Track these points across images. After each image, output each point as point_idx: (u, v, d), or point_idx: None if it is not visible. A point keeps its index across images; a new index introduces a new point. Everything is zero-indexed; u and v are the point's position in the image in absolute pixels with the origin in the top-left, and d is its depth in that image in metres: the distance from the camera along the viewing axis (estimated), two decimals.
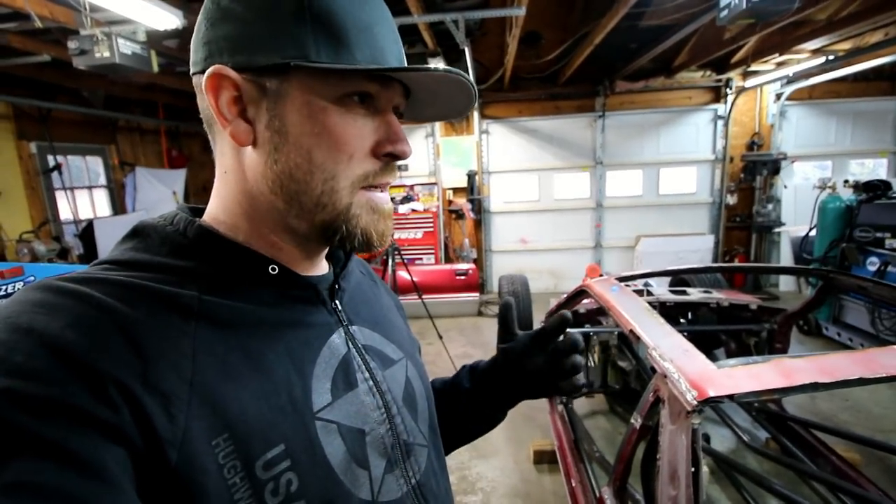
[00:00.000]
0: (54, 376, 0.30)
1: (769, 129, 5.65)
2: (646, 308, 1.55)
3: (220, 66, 0.41)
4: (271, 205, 0.45)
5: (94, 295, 0.35)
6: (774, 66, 5.15)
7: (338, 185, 0.44)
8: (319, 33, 0.40)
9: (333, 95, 0.42)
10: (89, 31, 2.53)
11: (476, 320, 5.12)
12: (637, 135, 5.88)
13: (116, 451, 0.31)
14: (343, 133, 0.43)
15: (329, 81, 0.42)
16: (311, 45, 0.40)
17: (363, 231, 0.46)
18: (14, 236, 4.27)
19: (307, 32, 0.40)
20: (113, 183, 5.56)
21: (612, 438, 2.73)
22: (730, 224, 5.92)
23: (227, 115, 0.42)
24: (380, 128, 0.45)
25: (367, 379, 0.49)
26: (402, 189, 5.87)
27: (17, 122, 4.39)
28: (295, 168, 0.43)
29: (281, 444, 0.38)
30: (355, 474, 0.44)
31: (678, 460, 1.01)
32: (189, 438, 0.34)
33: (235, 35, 0.41)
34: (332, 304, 0.50)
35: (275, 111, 0.42)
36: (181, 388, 0.35)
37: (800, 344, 3.91)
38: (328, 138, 0.42)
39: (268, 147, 0.43)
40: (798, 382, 0.97)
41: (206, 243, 0.43)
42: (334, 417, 0.44)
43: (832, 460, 2.13)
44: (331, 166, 0.43)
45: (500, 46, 4.65)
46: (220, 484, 0.35)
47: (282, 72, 0.41)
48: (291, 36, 0.40)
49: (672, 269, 2.48)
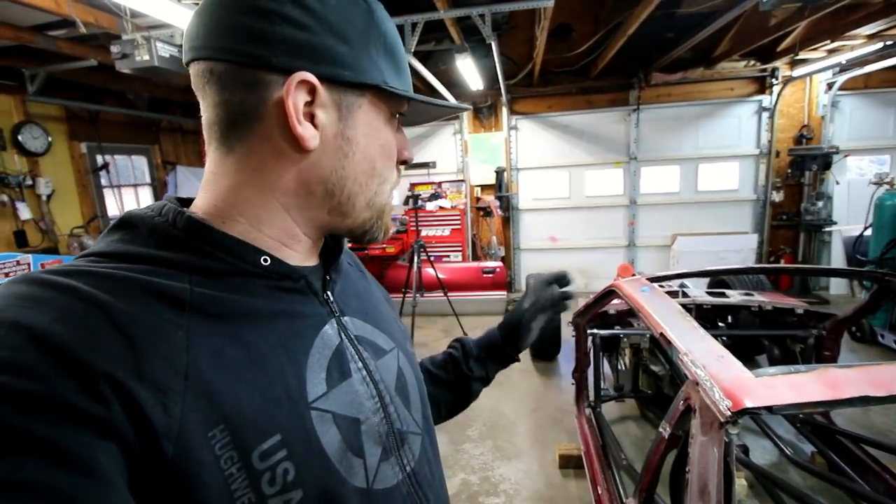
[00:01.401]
0: (42, 371, 0.30)
1: (819, 122, 5.30)
2: (678, 310, 1.47)
3: (306, 73, 0.43)
4: (320, 202, 0.48)
5: (81, 287, 0.35)
6: (825, 54, 4.81)
7: (385, 188, 0.52)
8: (389, 62, 0.48)
9: (389, 113, 0.50)
10: (130, 36, 2.64)
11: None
12: (674, 128, 5.65)
13: (107, 447, 0.31)
14: (393, 145, 0.52)
15: (390, 102, 0.49)
16: (387, 71, 0.47)
17: (385, 226, 0.54)
18: (66, 231, 4.54)
19: (382, 59, 0.47)
20: (156, 181, 5.82)
21: (642, 446, 2.63)
22: (775, 222, 5.59)
23: (300, 119, 0.43)
24: (400, 140, 0.53)
25: (360, 369, 0.50)
26: (429, 186, 5.87)
27: (68, 124, 4.66)
28: (361, 173, 0.49)
29: (277, 434, 0.39)
30: (350, 463, 0.44)
31: (709, 474, 0.94)
32: (185, 431, 0.34)
33: (319, 45, 0.43)
34: (323, 294, 0.51)
35: (347, 122, 0.47)
36: (176, 381, 0.35)
37: (851, 352, 3.66)
38: (387, 149, 0.51)
39: (336, 153, 0.47)
40: (846, 395, 0.89)
41: (196, 234, 0.43)
42: (329, 407, 0.44)
43: (885, 479, 1.96)
44: (386, 174, 0.52)
45: (528, 40, 4.55)
46: (217, 475, 0.35)
47: (359, 88, 0.46)
48: (373, 59, 0.46)
49: (709, 269, 2.35)
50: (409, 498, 0.50)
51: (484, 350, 0.82)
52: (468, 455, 2.65)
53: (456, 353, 0.82)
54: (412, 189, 5.71)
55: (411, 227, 5.56)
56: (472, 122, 6.00)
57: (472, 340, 0.84)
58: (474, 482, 2.42)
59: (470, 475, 2.48)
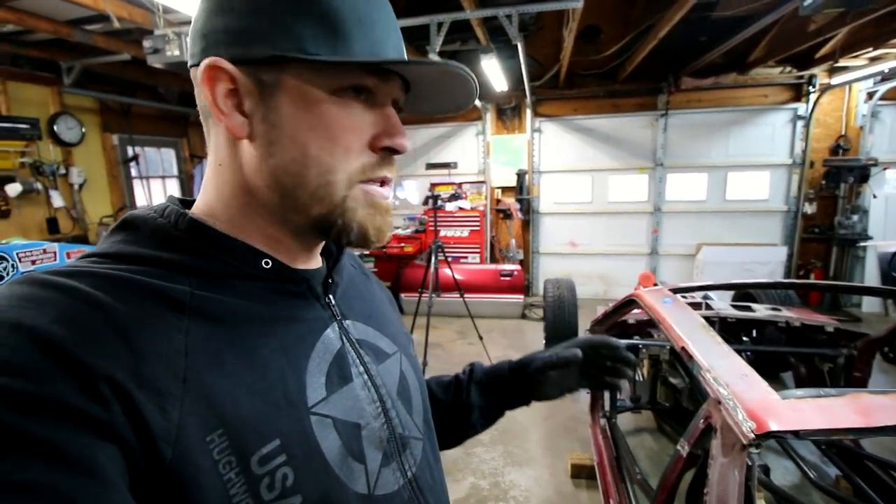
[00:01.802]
0: (43, 372, 0.30)
1: (858, 132, 5.08)
2: (701, 324, 1.42)
3: (217, 59, 0.40)
4: (267, 198, 0.44)
5: (82, 288, 0.35)
6: (867, 62, 4.61)
7: (334, 178, 0.43)
8: (318, 26, 0.40)
9: (329, 88, 0.42)
10: (162, 31, 2.70)
11: (519, 323, 5.01)
12: (703, 135, 5.50)
13: (108, 448, 0.31)
14: (338, 126, 0.42)
15: (325, 74, 0.41)
16: (308, 38, 0.40)
17: (359, 225, 0.45)
18: (96, 220, 4.70)
19: (305, 25, 0.40)
20: (183, 173, 5.98)
21: (658, 460, 2.57)
22: (806, 235, 5.39)
23: (224, 108, 0.42)
24: (378, 121, 0.45)
25: (361, 373, 0.49)
26: (450, 187, 5.86)
27: (102, 116, 4.82)
28: (291, 162, 0.42)
29: (276, 439, 0.38)
30: (351, 468, 0.44)
31: (729, 498, 0.90)
32: (183, 435, 0.34)
33: (233, 27, 0.41)
34: (325, 298, 0.50)
35: (270, 104, 0.42)
36: (174, 385, 0.35)
37: (883, 374, 3.49)
38: (324, 131, 0.42)
39: (263, 141, 0.42)
40: (879, 423, 0.84)
41: (197, 236, 0.43)
42: (329, 412, 0.44)
43: None
44: (326, 159, 0.42)
45: (555, 42, 4.50)
46: (216, 479, 0.35)
47: (278, 65, 0.41)
48: (289, 28, 0.40)
49: (735, 282, 2.27)
50: (411, 503, 0.49)
51: (488, 379, 0.75)
52: (479, 459, 2.63)
53: (462, 375, 0.77)
54: (432, 189, 5.71)
55: (430, 226, 5.57)
56: (494, 124, 5.96)
57: (482, 367, 0.78)
58: (484, 487, 2.39)
59: (480, 479, 2.45)
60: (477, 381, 0.75)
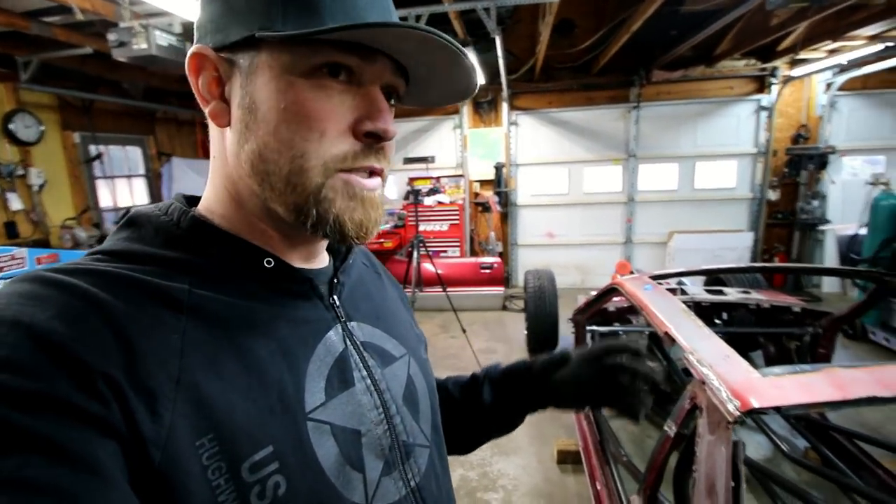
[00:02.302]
0: (42, 369, 0.30)
1: (817, 121, 5.33)
2: (682, 309, 1.47)
3: (200, 46, 0.41)
4: (249, 188, 0.43)
5: (81, 286, 0.34)
6: (826, 54, 4.83)
7: (307, 163, 0.40)
8: (290, 3, 0.38)
9: (303, 68, 0.39)
10: (128, 24, 2.59)
11: (500, 314, 5.08)
12: (673, 126, 5.66)
13: (108, 445, 0.30)
14: (312, 108, 0.39)
15: (297, 53, 0.39)
16: (278, 16, 0.38)
17: (336, 218, 0.42)
18: (58, 222, 4.48)
19: (277, 3, 0.38)
20: (150, 172, 5.75)
21: (639, 441, 2.66)
22: (771, 221, 5.64)
23: (207, 97, 0.42)
24: (360, 105, 0.41)
25: (364, 377, 0.47)
26: (428, 181, 5.85)
27: (61, 113, 4.58)
28: (263, 146, 0.40)
29: (269, 445, 0.37)
30: (348, 477, 0.42)
31: (716, 473, 0.95)
32: (173, 438, 0.33)
33: (216, 13, 0.41)
34: (329, 299, 0.49)
35: (247, 89, 0.40)
36: (168, 386, 0.34)
37: (844, 349, 3.70)
38: (296, 114, 0.39)
39: (240, 126, 0.41)
40: (854, 396, 0.89)
41: (199, 234, 0.42)
42: (327, 418, 0.42)
43: (878, 474, 2.00)
44: (300, 144, 0.40)
45: (531, 35, 4.54)
46: (204, 486, 0.34)
47: (252, 46, 0.39)
48: (262, 8, 0.39)
49: (710, 268, 2.36)
50: None
51: (503, 376, 0.70)
52: None
53: (479, 374, 0.72)
54: (411, 184, 5.69)
55: (409, 221, 5.55)
56: (471, 117, 5.97)
57: (499, 366, 0.73)
58: (473, 478, 2.43)
59: (468, 471, 2.49)
60: (492, 378, 0.70)
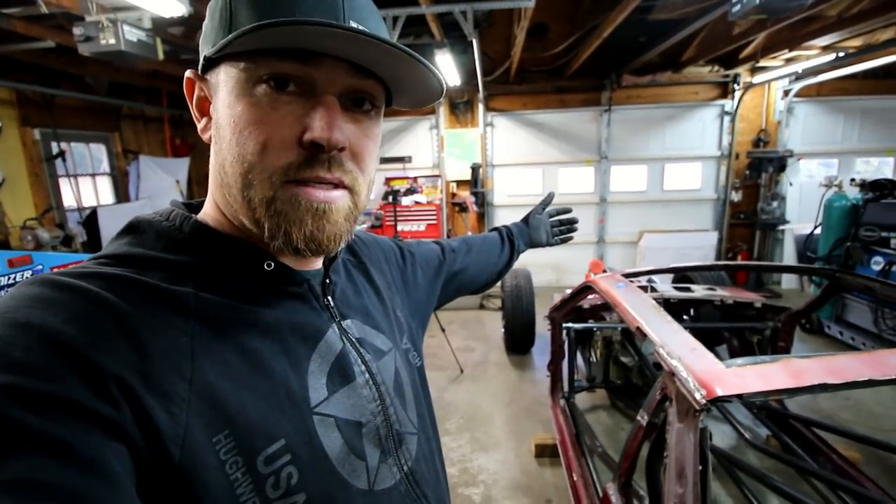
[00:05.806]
0: (54, 372, 0.30)
1: (776, 126, 5.61)
2: (653, 305, 1.55)
3: (190, 71, 0.45)
4: (225, 198, 0.45)
5: (92, 289, 0.35)
6: (783, 63, 5.10)
7: (255, 177, 0.40)
8: (234, 24, 0.40)
9: (252, 82, 0.40)
10: (95, 18, 2.50)
11: (478, 313, 5.13)
12: (643, 130, 5.84)
13: (118, 448, 0.31)
14: (253, 120, 0.40)
15: (245, 69, 0.40)
16: (222, 34, 0.40)
17: (285, 231, 0.41)
18: (18, 223, 4.27)
19: (224, 23, 0.41)
20: (116, 171, 5.54)
21: (613, 433, 2.75)
22: (733, 221, 5.90)
23: (198, 115, 0.45)
24: (307, 114, 0.40)
25: (363, 372, 0.50)
26: (405, 181, 5.85)
27: (20, 109, 4.37)
28: (223, 161, 0.42)
29: (281, 439, 0.40)
30: (353, 465, 0.45)
31: (686, 459, 1.02)
32: (190, 435, 0.35)
33: (204, 36, 0.44)
34: (324, 299, 0.51)
35: (215, 105, 0.43)
36: (181, 387, 0.36)
37: (802, 342, 3.92)
38: (242, 128, 0.40)
39: (213, 141, 0.44)
40: (807, 383, 0.97)
41: (201, 238, 0.44)
42: (331, 411, 0.45)
43: (833, 458, 2.14)
44: (248, 157, 0.40)
45: (506, 38, 4.60)
46: (223, 479, 0.36)
47: (216, 66, 0.42)
48: (212, 30, 0.42)
49: (678, 266, 2.47)
50: (408, 496, 0.50)
51: (519, 230, 1.16)
52: (447, 448, 2.69)
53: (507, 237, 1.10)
54: (388, 184, 5.67)
55: (387, 221, 5.54)
56: (448, 118, 6.01)
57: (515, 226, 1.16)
58: (453, 474, 2.47)
59: (449, 467, 2.52)
60: (516, 233, 1.11)
